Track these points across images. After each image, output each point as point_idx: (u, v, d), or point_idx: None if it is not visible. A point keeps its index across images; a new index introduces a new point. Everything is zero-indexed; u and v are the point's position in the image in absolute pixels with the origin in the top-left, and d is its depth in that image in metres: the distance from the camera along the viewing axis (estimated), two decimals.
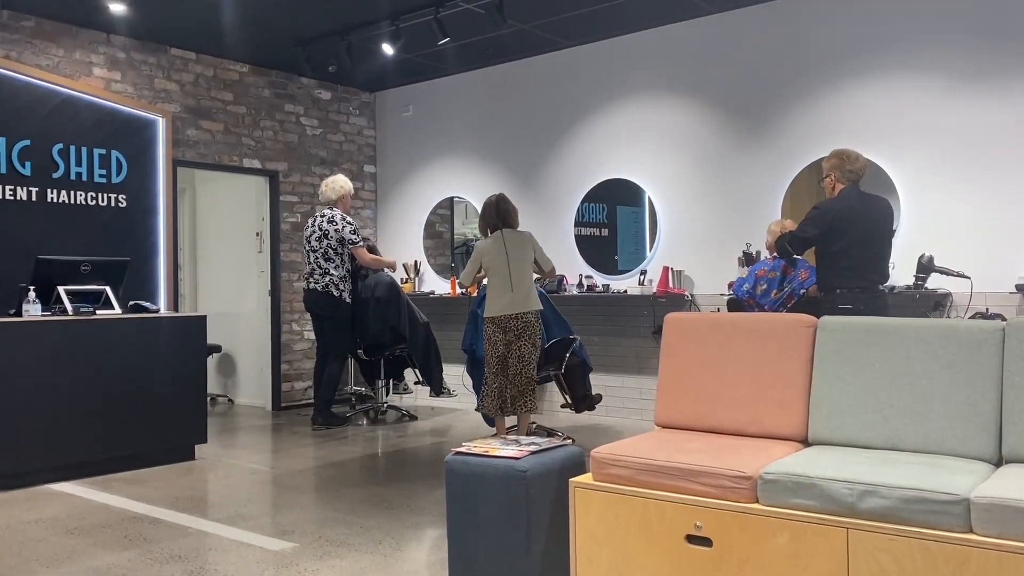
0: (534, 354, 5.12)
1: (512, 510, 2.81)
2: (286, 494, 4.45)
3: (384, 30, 6.29)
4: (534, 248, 5.20)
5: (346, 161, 8.13)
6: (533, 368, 5.11)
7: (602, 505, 2.70)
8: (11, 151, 5.73)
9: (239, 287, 7.82)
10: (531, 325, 5.11)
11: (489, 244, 5.20)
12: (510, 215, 5.25)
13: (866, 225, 4.39)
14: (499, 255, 5.13)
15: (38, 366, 4.61)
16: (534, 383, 5.14)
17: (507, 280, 5.09)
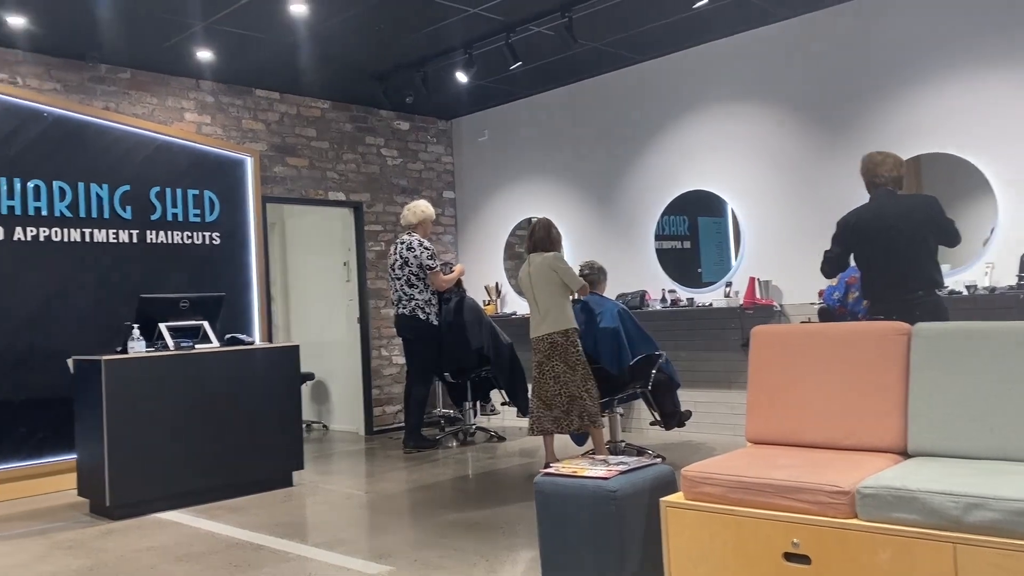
0: (570, 372, 5.11)
1: (603, 531, 2.81)
2: (381, 518, 4.54)
3: (457, 59, 6.42)
4: (556, 269, 5.22)
5: (426, 188, 8.29)
6: (576, 386, 5.10)
7: (695, 524, 2.66)
8: (113, 196, 6.07)
9: (329, 316, 8.05)
10: (559, 345, 5.14)
11: (521, 271, 5.43)
12: (537, 240, 5.39)
13: (889, 232, 4.19)
14: (526, 280, 5.34)
15: (144, 401, 4.84)
16: (581, 400, 5.10)
17: (535, 303, 5.27)
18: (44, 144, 5.79)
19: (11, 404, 5.52)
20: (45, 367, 5.67)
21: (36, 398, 5.63)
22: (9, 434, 5.50)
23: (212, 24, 5.54)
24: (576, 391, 5.09)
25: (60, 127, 5.87)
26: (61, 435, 5.69)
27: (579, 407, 5.09)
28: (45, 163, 5.78)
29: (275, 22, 5.55)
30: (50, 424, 5.67)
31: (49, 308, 5.72)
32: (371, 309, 7.74)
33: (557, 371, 5.12)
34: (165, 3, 5.16)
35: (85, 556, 4.01)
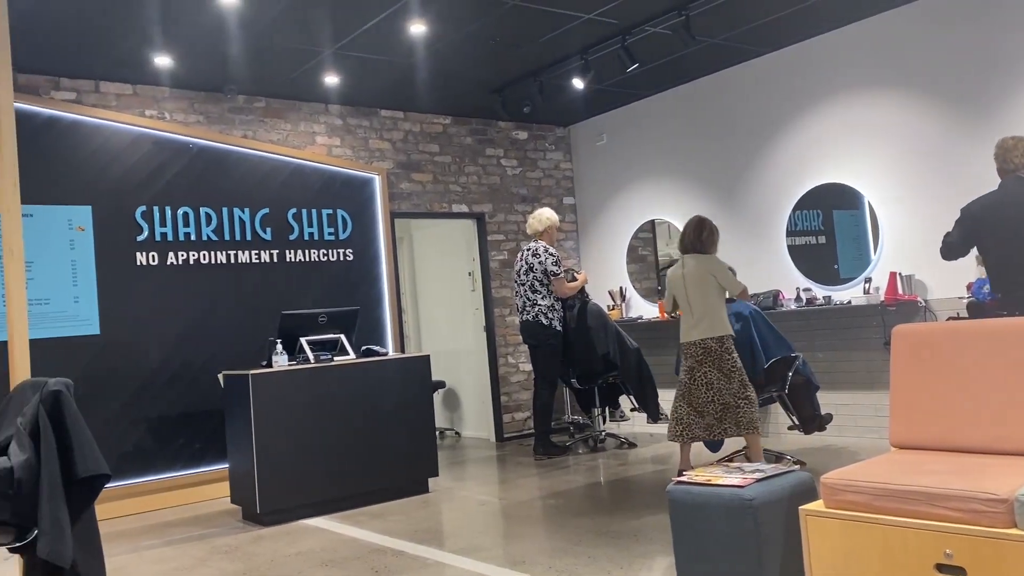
0: (725, 380, 4.94)
1: (740, 540, 2.74)
2: (515, 525, 4.59)
3: (573, 65, 6.43)
4: (715, 273, 5.04)
5: (546, 196, 8.35)
6: (731, 394, 4.94)
7: (838, 533, 2.56)
8: (254, 219, 6.44)
9: (457, 325, 8.22)
10: (712, 351, 4.98)
11: (672, 271, 5.26)
12: (688, 242, 5.20)
13: (1012, 221, 3.88)
14: (678, 281, 5.15)
15: (289, 412, 5.10)
16: (736, 408, 4.95)
17: (688, 306, 5.09)
18: (191, 173, 6.21)
19: (169, 417, 5.94)
20: (198, 381, 6.06)
21: (191, 411, 6.03)
22: (168, 445, 5.92)
23: (338, 50, 5.79)
24: (731, 399, 4.95)
25: (204, 157, 6.28)
26: (214, 446, 6.07)
27: (734, 415, 4.96)
28: (192, 191, 6.20)
29: (396, 43, 5.74)
30: (204, 435, 6.06)
31: (200, 326, 6.12)
32: (496, 317, 7.85)
33: (710, 378, 4.99)
34: (295, 34, 5.44)
35: (240, 560, 4.26)
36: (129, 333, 5.83)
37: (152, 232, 6.00)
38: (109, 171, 5.88)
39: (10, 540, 2.69)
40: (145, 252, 5.96)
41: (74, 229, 5.73)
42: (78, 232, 5.74)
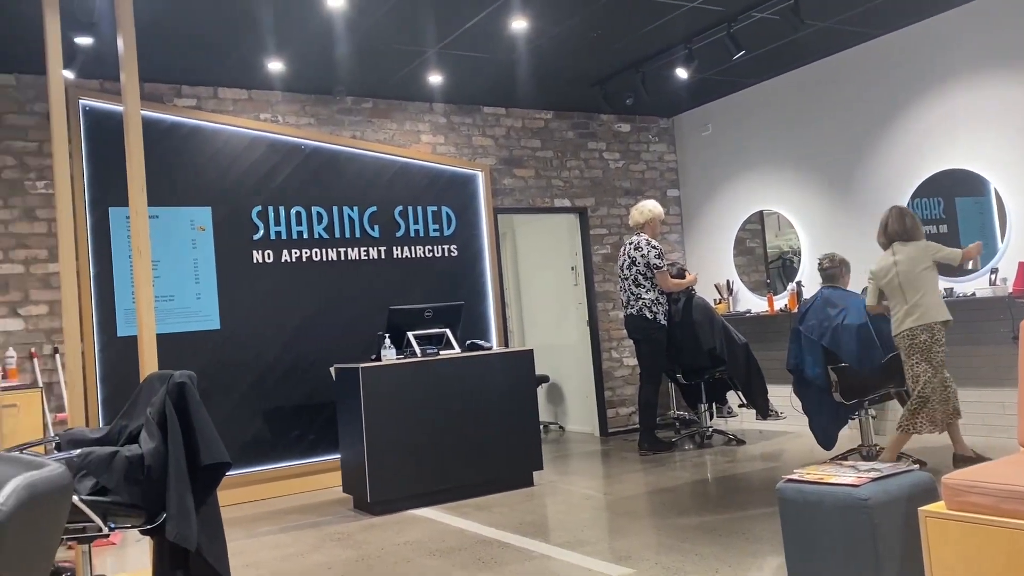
0: (931, 373, 4.83)
1: (856, 542, 2.63)
2: (620, 520, 4.56)
3: (677, 55, 6.32)
4: (933, 253, 4.91)
5: (649, 188, 8.24)
6: (932, 389, 4.82)
7: (961, 537, 2.43)
8: (363, 217, 6.62)
9: (560, 319, 8.23)
10: (920, 343, 4.85)
11: (881, 262, 5.10)
12: (892, 232, 5.06)
13: None
14: (889, 271, 5.00)
15: (397, 404, 5.23)
16: (918, 403, 4.81)
17: (901, 295, 4.95)
18: (303, 174, 6.44)
19: (284, 409, 6.19)
20: (311, 374, 6.29)
21: (305, 403, 6.26)
22: (284, 436, 6.17)
23: (441, 49, 5.88)
24: (925, 390, 4.84)
25: (315, 157, 6.51)
26: (327, 436, 6.29)
27: (913, 408, 4.85)
28: (304, 191, 6.43)
29: (497, 41, 5.78)
30: (317, 426, 6.28)
31: (312, 321, 6.35)
32: (599, 311, 7.81)
33: (916, 371, 4.88)
34: (400, 35, 5.55)
35: (352, 548, 4.40)
36: (247, 328, 6.11)
37: (267, 231, 6.26)
38: (227, 173, 6.16)
39: (141, 523, 2.86)
40: (261, 250, 6.22)
41: (195, 229, 6.03)
42: (199, 232, 6.04)
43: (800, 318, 5.40)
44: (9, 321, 5.44)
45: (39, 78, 5.66)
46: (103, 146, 5.74)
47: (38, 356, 5.49)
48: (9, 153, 5.55)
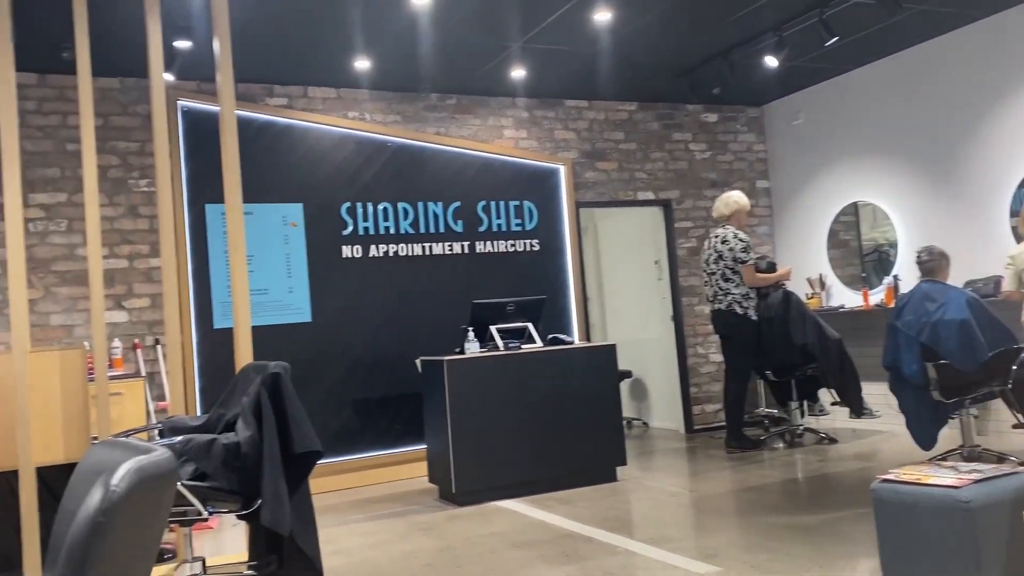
0: None
1: (956, 545, 2.53)
2: (707, 517, 4.49)
3: (766, 43, 6.16)
4: None
5: (737, 180, 8.07)
6: None
7: None
8: (447, 212, 6.70)
9: (644, 314, 8.15)
10: None
11: (1019, 248, 4.95)
12: None
13: None
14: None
15: (480, 397, 5.28)
16: None
17: None
18: (389, 170, 6.56)
19: (372, 400, 6.32)
20: (397, 366, 6.41)
21: (391, 394, 6.39)
22: (371, 426, 6.30)
23: (524, 44, 5.89)
24: None
25: (401, 154, 6.61)
26: (413, 427, 6.40)
27: None
28: (390, 187, 6.54)
29: (580, 33, 5.75)
30: (404, 417, 6.40)
31: (399, 314, 6.46)
32: (684, 307, 7.69)
33: None
34: (483, 31, 5.59)
35: (437, 538, 4.47)
36: (336, 320, 6.26)
37: (356, 227, 6.40)
38: (317, 171, 6.33)
39: (238, 508, 2.97)
40: (350, 245, 6.37)
41: (288, 225, 6.21)
42: (291, 228, 6.22)
43: (897, 313, 5.20)
44: (115, 313, 5.72)
45: (141, 81, 5.92)
46: (200, 145, 5.97)
47: (141, 347, 5.75)
48: (114, 153, 5.82)
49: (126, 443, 1.39)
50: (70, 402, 3.61)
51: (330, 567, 4.04)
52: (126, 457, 1.21)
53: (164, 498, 1.29)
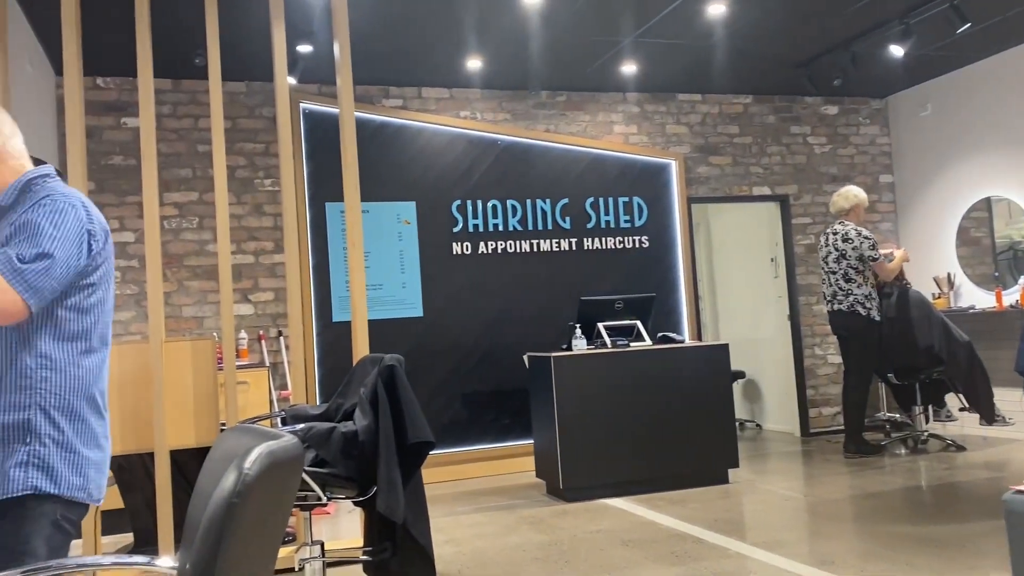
0: None
1: None
2: (823, 523, 4.35)
3: (892, 31, 5.89)
4: None
5: (859, 174, 7.74)
6: None
7: None
8: (555, 209, 6.72)
9: (758, 313, 7.94)
10: None
11: None
12: None
13: None
14: None
15: (588, 394, 5.27)
16: None
17: None
18: (498, 168, 6.63)
19: (480, 393, 6.41)
20: (505, 361, 6.48)
21: (499, 389, 6.46)
22: (479, 420, 6.40)
23: (637, 39, 5.83)
24: None
25: (510, 152, 6.67)
26: (520, 422, 6.46)
27: None
28: (500, 185, 6.62)
29: (694, 26, 5.66)
30: (511, 412, 6.46)
31: (507, 310, 6.53)
32: (801, 306, 7.45)
33: None
34: (595, 27, 5.57)
35: (545, 532, 4.50)
36: (447, 316, 6.39)
37: (465, 224, 6.50)
38: (430, 169, 6.46)
39: (354, 495, 3.08)
40: (460, 242, 6.48)
41: (401, 223, 6.38)
42: (404, 225, 6.38)
43: None
44: (241, 306, 6.02)
45: (265, 85, 6.20)
46: (320, 146, 6.20)
47: (265, 338, 6.03)
48: (241, 154, 6.12)
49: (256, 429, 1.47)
50: (201, 389, 3.83)
51: (440, 556, 4.13)
52: (257, 442, 1.28)
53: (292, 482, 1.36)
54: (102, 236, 1.92)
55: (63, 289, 1.84)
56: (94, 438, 1.89)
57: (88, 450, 1.87)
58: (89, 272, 1.89)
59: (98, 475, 1.90)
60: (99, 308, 1.93)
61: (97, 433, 1.91)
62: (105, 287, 1.95)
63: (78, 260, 1.84)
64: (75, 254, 1.83)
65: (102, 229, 1.93)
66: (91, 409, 1.89)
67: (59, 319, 1.85)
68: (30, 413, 1.80)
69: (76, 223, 1.85)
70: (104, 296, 1.94)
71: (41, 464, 1.79)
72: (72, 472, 1.83)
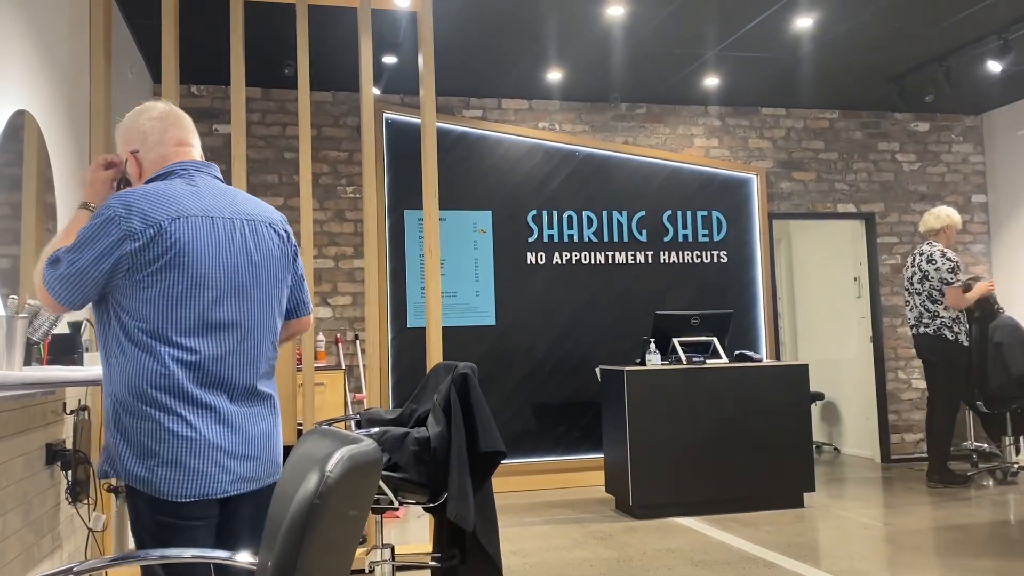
0: None
1: None
2: (903, 554, 4.19)
3: (990, 46, 5.67)
4: None
5: (950, 193, 7.46)
6: None
7: None
8: (631, 222, 6.67)
9: (838, 334, 7.71)
10: None
11: None
12: None
13: None
14: None
15: (660, 410, 5.21)
16: None
17: None
18: (575, 179, 6.62)
19: (551, 405, 6.40)
20: (577, 373, 6.45)
21: (571, 400, 6.44)
22: (550, 431, 6.38)
23: (721, 52, 5.76)
24: None
25: (587, 163, 6.66)
26: (591, 435, 6.42)
27: None
28: (576, 196, 6.61)
29: (780, 39, 5.55)
30: (582, 424, 6.43)
31: (579, 322, 6.51)
32: (884, 327, 7.21)
33: None
34: (677, 39, 5.52)
35: (613, 548, 4.45)
36: (519, 325, 6.40)
37: (541, 234, 6.51)
38: (507, 179, 6.50)
39: (425, 500, 3.11)
40: (534, 252, 6.49)
41: (477, 231, 6.43)
42: (480, 234, 6.43)
43: None
44: (321, 309, 6.15)
45: (351, 95, 6.34)
46: (401, 154, 6.31)
47: (342, 341, 6.16)
48: (325, 162, 6.27)
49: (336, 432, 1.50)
50: (280, 390, 3.93)
51: (508, 566, 4.13)
52: (338, 446, 1.30)
53: (370, 485, 1.39)
54: (146, 233, 1.85)
55: (87, 289, 1.87)
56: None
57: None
58: (141, 268, 1.85)
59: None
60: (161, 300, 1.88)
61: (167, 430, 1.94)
62: (171, 279, 1.87)
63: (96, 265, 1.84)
64: (90, 259, 1.84)
65: (148, 225, 1.85)
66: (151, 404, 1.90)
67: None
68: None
69: (99, 231, 1.85)
70: (167, 289, 1.87)
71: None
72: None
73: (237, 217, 1.98)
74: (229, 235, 1.95)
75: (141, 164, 2.04)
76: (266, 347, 2.02)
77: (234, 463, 1.91)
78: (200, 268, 1.90)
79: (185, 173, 1.99)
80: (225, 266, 1.93)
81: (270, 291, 2.03)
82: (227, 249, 1.94)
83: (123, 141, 2.07)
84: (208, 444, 1.88)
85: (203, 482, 1.87)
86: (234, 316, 1.95)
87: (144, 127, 2.04)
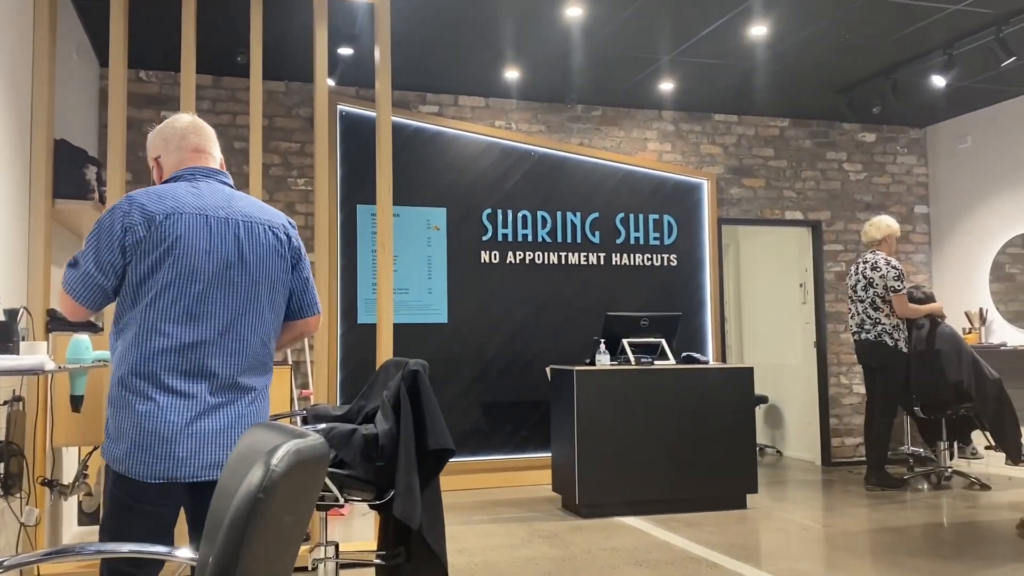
0: None
1: None
2: (840, 555, 4.28)
3: (934, 61, 5.83)
4: None
5: (894, 204, 7.66)
6: None
7: None
8: (584, 223, 6.71)
9: (783, 339, 7.86)
10: None
11: None
12: None
13: None
14: None
15: (610, 411, 5.24)
16: None
17: None
18: (530, 179, 6.63)
19: (501, 403, 6.40)
20: (527, 373, 6.46)
21: (520, 400, 6.45)
22: (499, 429, 6.38)
23: (676, 57, 5.82)
24: None
25: (543, 164, 6.68)
26: (539, 434, 6.43)
27: None
28: (531, 196, 6.62)
29: (735, 47, 5.63)
30: (530, 424, 6.44)
31: (531, 321, 6.52)
32: (828, 333, 7.36)
33: None
34: (635, 43, 5.56)
35: (558, 547, 4.47)
36: (472, 324, 6.39)
37: (495, 233, 6.51)
38: (463, 177, 6.48)
39: (371, 498, 3.08)
40: (488, 251, 6.48)
41: (431, 228, 6.39)
42: (434, 231, 6.40)
43: None
44: None
45: (304, 85, 6.25)
46: (355, 148, 6.24)
47: None
48: (276, 152, 6.18)
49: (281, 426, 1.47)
50: None
51: (453, 564, 4.12)
52: (283, 439, 1.28)
53: (316, 481, 1.36)
54: (143, 226, 2.05)
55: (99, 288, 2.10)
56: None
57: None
58: (140, 259, 2.05)
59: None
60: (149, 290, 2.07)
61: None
62: (164, 269, 2.05)
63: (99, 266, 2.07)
64: (102, 250, 2.06)
65: (145, 219, 2.06)
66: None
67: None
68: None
69: (106, 225, 2.07)
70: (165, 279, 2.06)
71: None
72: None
73: (232, 216, 2.13)
74: (222, 232, 2.10)
75: (162, 169, 2.24)
76: (251, 342, 2.13)
77: (204, 450, 2.02)
78: (191, 261, 2.05)
79: (191, 177, 2.17)
80: (214, 260, 2.08)
81: (259, 289, 2.15)
82: (219, 245, 2.09)
83: (150, 148, 2.27)
84: (179, 430, 2.00)
85: (171, 465, 1.99)
86: (217, 309, 2.08)
87: (167, 135, 2.25)
